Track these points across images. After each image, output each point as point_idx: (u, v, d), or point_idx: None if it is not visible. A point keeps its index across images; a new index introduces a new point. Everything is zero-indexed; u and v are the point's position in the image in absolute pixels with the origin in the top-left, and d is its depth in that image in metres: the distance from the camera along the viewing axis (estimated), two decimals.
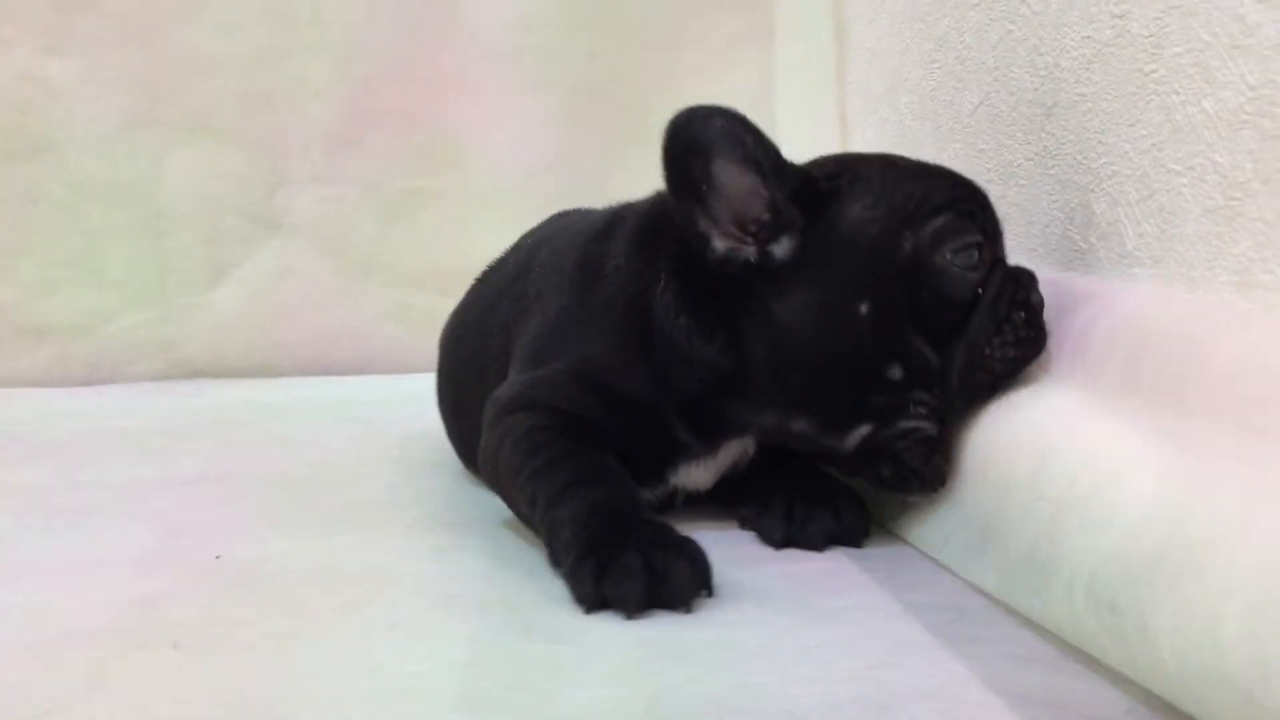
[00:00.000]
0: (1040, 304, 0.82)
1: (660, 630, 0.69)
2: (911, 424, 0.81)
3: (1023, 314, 0.80)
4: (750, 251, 0.81)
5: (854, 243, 0.81)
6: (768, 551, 0.85)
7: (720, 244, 0.81)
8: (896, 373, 0.80)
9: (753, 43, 1.40)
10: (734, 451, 0.90)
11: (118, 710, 0.58)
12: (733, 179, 0.79)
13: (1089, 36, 0.80)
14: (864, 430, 0.82)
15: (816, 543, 0.85)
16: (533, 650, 0.66)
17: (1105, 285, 0.78)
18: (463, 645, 0.66)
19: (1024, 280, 0.82)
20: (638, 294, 0.87)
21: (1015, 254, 0.87)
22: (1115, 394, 0.69)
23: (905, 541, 0.86)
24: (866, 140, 1.24)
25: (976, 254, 0.81)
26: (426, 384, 1.68)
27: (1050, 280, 0.83)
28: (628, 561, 0.71)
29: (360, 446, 1.24)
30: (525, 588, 0.76)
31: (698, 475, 0.91)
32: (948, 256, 0.80)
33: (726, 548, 0.85)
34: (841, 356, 0.81)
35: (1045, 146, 0.87)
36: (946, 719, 0.55)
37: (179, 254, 1.82)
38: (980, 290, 0.81)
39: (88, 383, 1.77)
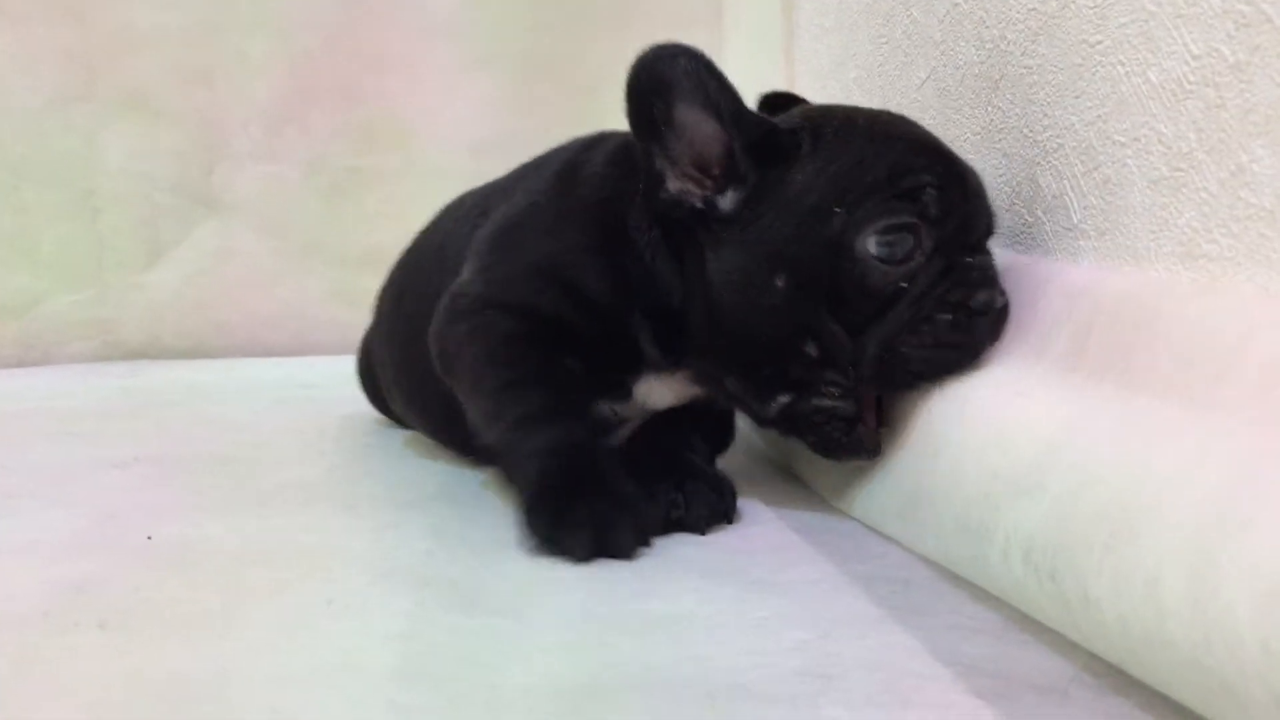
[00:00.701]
0: (986, 307, 0.76)
1: (605, 603, 0.68)
2: (827, 403, 0.79)
3: (949, 316, 0.75)
4: (697, 199, 0.80)
5: (788, 211, 0.78)
6: (718, 528, 0.84)
7: (673, 185, 0.80)
8: (812, 350, 0.78)
9: (701, 19, 1.39)
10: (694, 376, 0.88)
11: (46, 693, 0.56)
12: (693, 122, 0.78)
13: (1034, 9, 0.80)
14: (784, 399, 0.81)
15: (700, 525, 0.83)
16: (474, 625, 0.65)
17: (1052, 261, 0.79)
18: (402, 620, 0.65)
19: (972, 279, 0.76)
20: (612, 199, 0.86)
21: None
22: (1059, 367, 0.68)
23: (848, 515, 0.86)
24: None
25: (910, 243, 0.76)
26: None
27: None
28: (579, 514, 0.76)
29: (299, 427, 1.22)
30: (467, 564, 0.75)
31: (660, 392, 0.90)
32: (871, 244, 0.75)
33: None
34: (757, 324, 0.79)
35: (992, 120, 0.87)
36: (891, 689, 0.54)
37: (114, 233, 1.77)
38: (905, 284, 0.76)
39: (20, 364, 1.72)
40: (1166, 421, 0.57)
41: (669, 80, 0.77)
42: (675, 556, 0.77)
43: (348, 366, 1.67)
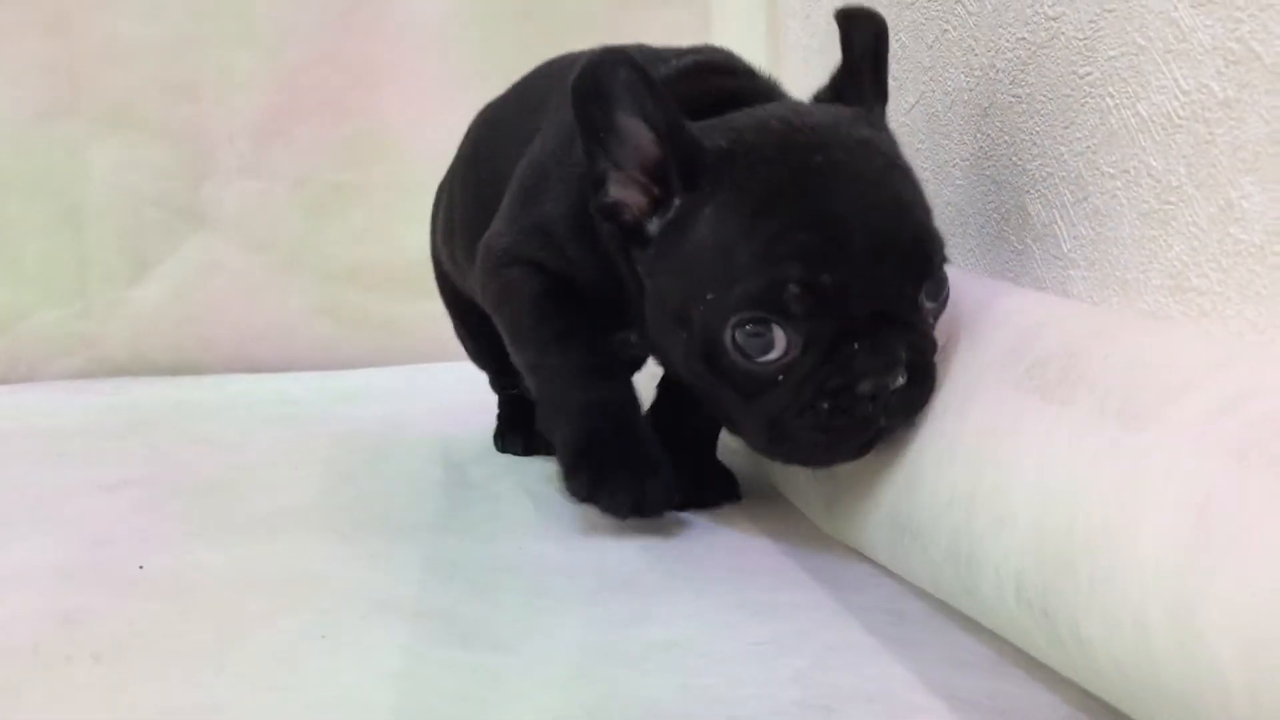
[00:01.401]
0: (874, 394, 0.71)
1: (602, 631, 0.68)
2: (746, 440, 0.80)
3: (826, 405, 0.71)
4: (630, 213, 0.79)
5: (682, 272, 0.77)
6: (705, 547, 0.84)
7: (614, 190, 0.79)
8: (714, 397, 0.78)
9: (690, 34, 1.39)
10: None
11: None
12: (634, 129, 0.77)
13: (1023, 38, 0.81)
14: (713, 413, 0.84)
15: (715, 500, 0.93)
16: (471, 659, 0.65)
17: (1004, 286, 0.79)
18: (399, 655, 0.65)
19: (855, 366, 0.71)
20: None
21: (953, 254, 0.87)
22: (1022, 393, 0.68)
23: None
24: None
25: (774, 338, 0.71)
26: (356, 382, 1.67)
27: (969, 281, 0.82)
28: (619, 478, 0.84)
29: (288, 448, 1.21)
30: (462, 594, 0.75)
31: None
32: (733, 336, 0.72)
33: (667, 543, 0.85)
34: (673, 357, 0.81)
35: (981, 147, 0.88)
36: None
37: (99, 248, 1.76)
38: (780, 374, 0.72)
39: (4, 381, 1.71)
40: (1115, 446, 0.57)
41: (609, 88, 0.76)
42: (670, 575, 0.78)
43: (335, 383, 1.68)
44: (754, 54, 1.41)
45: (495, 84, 1.79)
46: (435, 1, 1.81)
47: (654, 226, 0.79)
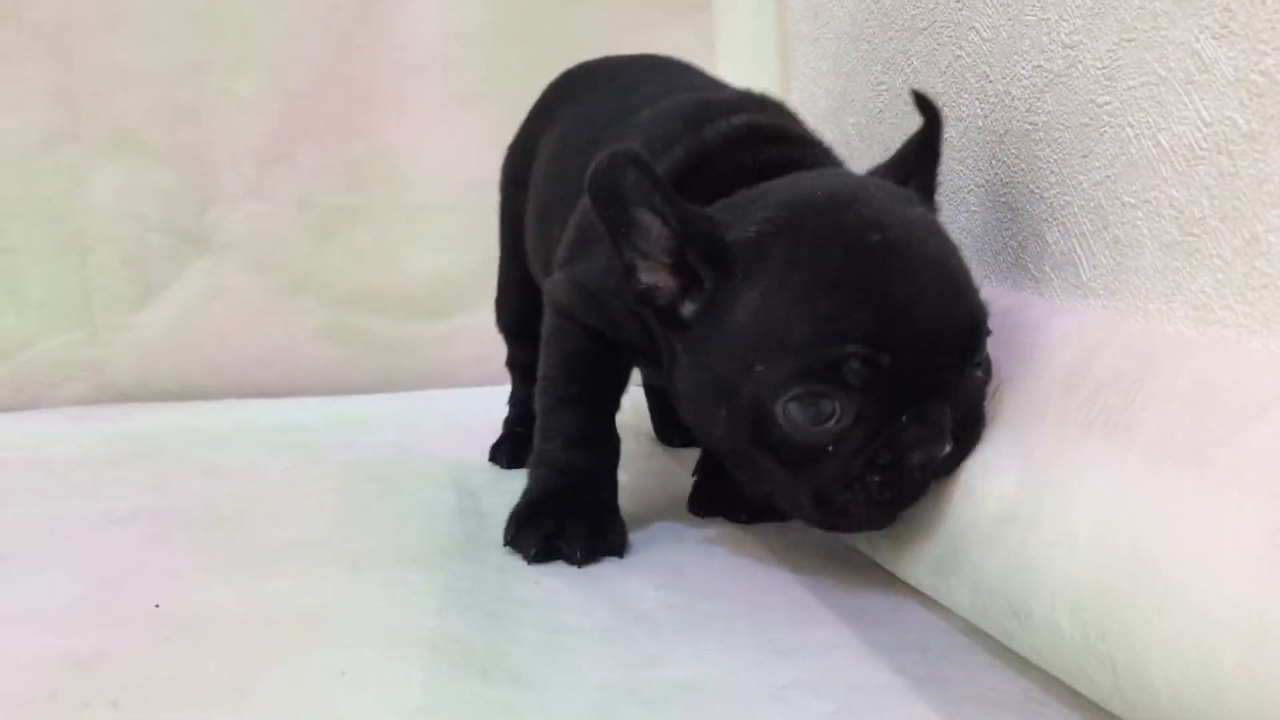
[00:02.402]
0: (923, 462, 0.72)
1: (622, 669, 0.68)
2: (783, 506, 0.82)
3: (878, 478, 0.72)
4: (664, 297, 0.81)
5: (724, 350, 0.77)
6: (728, 583, 0.84)
7: (645, 277, 0.81)
8: (754, 466, 0.79)
9: (695, 56, 1.38)
10: None
11: None
12: (651, 224, 0.79)
13: (1040, 66, 0.80)
14: (744, 478, 0.85)
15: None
16: (491, 694, 0.64)
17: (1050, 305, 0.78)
18: (419, 690, 0.64)
19: (907, 438, 0.72)
20: None
21: None
22: (1081, 413, 0.68)
23: (871, 564, 0.85)
24: None
25: (829, 410, 0.72)
26: (363, 407, 1.66)
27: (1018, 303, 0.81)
28: (540, 524, 0.89)
29: (298, 476, 1.20)
30: (480, 626, 0.74)
31: None
32: (786, 409, 0.73)
33: (682, 577, 0.84)
34: (711, 433, 0.82)
35: (997, 174, 0.87)
36: None
37: (104, 273, 1.75)
38: (830, 446, 0.73)
39: (9, 409, 1.69)
40: (1183, 473, 0.56)
41: (620, 188, 0.78)
42: (690, 612, 0.77)
43: (341, 408, 1.67)
44: (762, 77, 1.41)
45: (498, 105, 1.79)
46: (438, 23, 1.81)
47: (688, 310, 0.80)
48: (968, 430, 0.74)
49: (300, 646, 0.71)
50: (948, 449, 0.73)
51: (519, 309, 1.30)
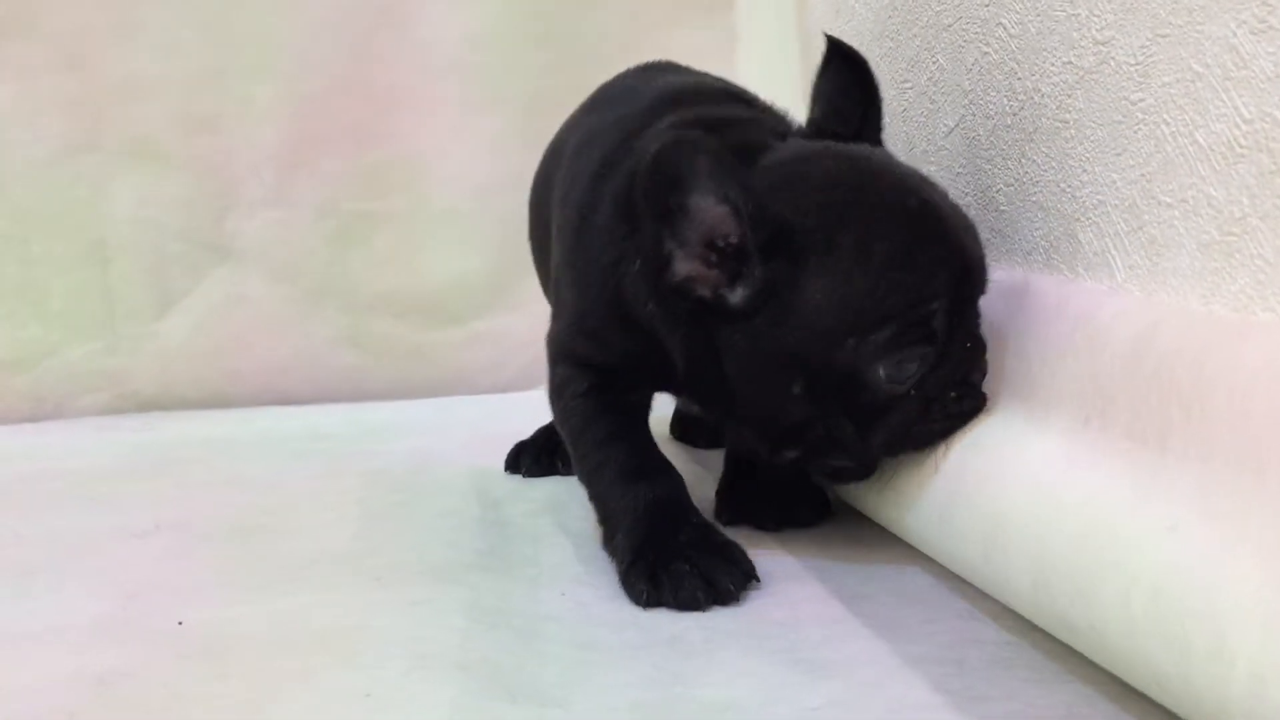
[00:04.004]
0: (980, 379, 0.82)
1: (652, 689, 0.66)
2: (834, 463, 0.85)
3: (954, 394, 0.81)
4: (705, 288, 0.81)
5: (803, 326, 0.79)
6: (757, 596, 0.82)
7: (681, 267, 0.81)
8: (820, 431, 0.82)
9: (716, 55, 1.38)
10: None
11: None
12: (707, 213, 0.79)
13: (1070, 62, 0.78)
14: (792, 454, 0.86)
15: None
16: (518, 715, 0.63)
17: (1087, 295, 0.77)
18: (445, 712, 0.63)
19: (968, 356, 0.82)
20: (614, 262, 0.89)
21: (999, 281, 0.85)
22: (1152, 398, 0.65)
23: (900, 575, 0.84)
24: None
25: (918, 361, 0.79)
26: (384, 415, 1.66)
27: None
28: (678, 569, 0.80)
29: (320, 486, 1.20)
30: (507, 645, 0.73)
31: None
32: (883, 372, 0.79)
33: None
34: (771, 411, 0.84)
35: (1026, 173, 0.85)
36: None
37: (124, 283, 1.76)
38: (913, 391, 0.80)
39: (31, 419, 1.70)
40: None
41: (685, 174, 0.77)
42: (720, 630, 0.75)
43: (362, 415, 1.67)
44: (784, 76, 1.39)
45: (515, 109, 1.79)
46: (454, 28, 1.80)
47: (738, 296, 0.81)
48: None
49: (323, 666, 0.70)
50: (986, 366, 0.82)
51: None
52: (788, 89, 1.34)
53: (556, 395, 0.99)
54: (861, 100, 0.92)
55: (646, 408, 0.99)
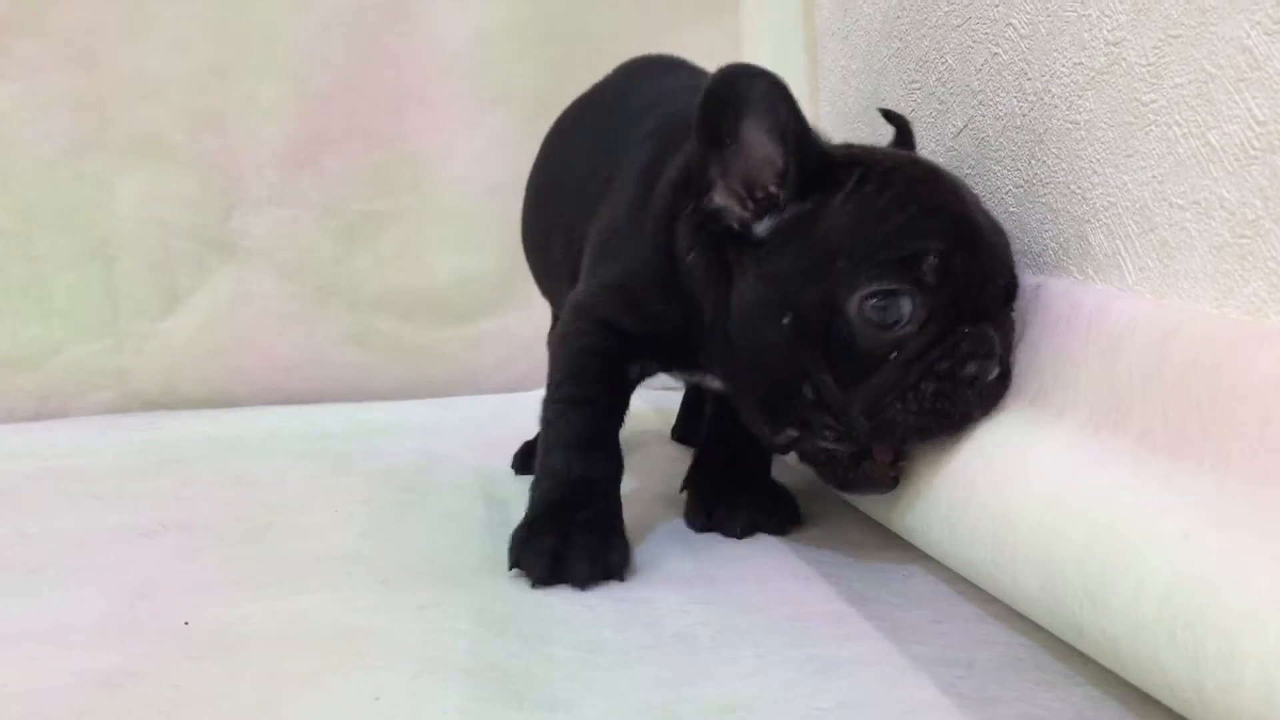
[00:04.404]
0: (974, 380, 0.77)
1: (659, 689, 0.66)
2: (826, 445, 0.83)
3: (934, 385, 0.77)
4: (734, 219, 0.83)
5: (808, 252, 0.80)
6: (764, 595, 0.82)
7: (719, 197, 0.83)
8: (809, 392, 0.80)
9: (722, 54, 1.37)
10: None
11: None
12: (757, 141, 0.81)
13: (1080, 63, 0.78)
14: (791, 433, 0.84)
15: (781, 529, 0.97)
16: (526, 719, 0.63)
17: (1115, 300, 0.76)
18: (453, 717, 0.63)
19: (964, 349, 0.77)
20: (672, 216, 0.89)
21: None
22: (1166, 402, 0.65)
23: (907, 574, 0.84)
24: None
25: (901, 309, 0.77)
26: (389, 414, 1.65)
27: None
28: (543, 542, 0.85)
29: (326, 486, 1.19)
30: (514, 649, 0.73)
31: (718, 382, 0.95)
32: (860, 305, 0.77)
33: (719, 591, 0.83)
34: (762, 357, 0.83)
35: (1036, 174, 0.85)
36: None
37: (129, 281, 1.75)
38: (895, 349, 0.78)
39: (37, 418, 1.70)
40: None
41: (745, 96, 0.79)
42: (727, 627, 0.75)
43: (368, 414, 1.67)
44: (791, 75, 1.39)
45: (522, 107, 1.78)
46: (460, 26, 1.80)
47: (763, 228, 0.82)
48: (1008, 371, 0.79)
49: (331, 668, 0.70)
50: (996, 372, 0.78)
51: None
52: (793, 89, 1.33)
53: (560, 341, 0.98)
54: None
55: (633, 386, 0.98)
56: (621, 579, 0.85)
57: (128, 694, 0.67)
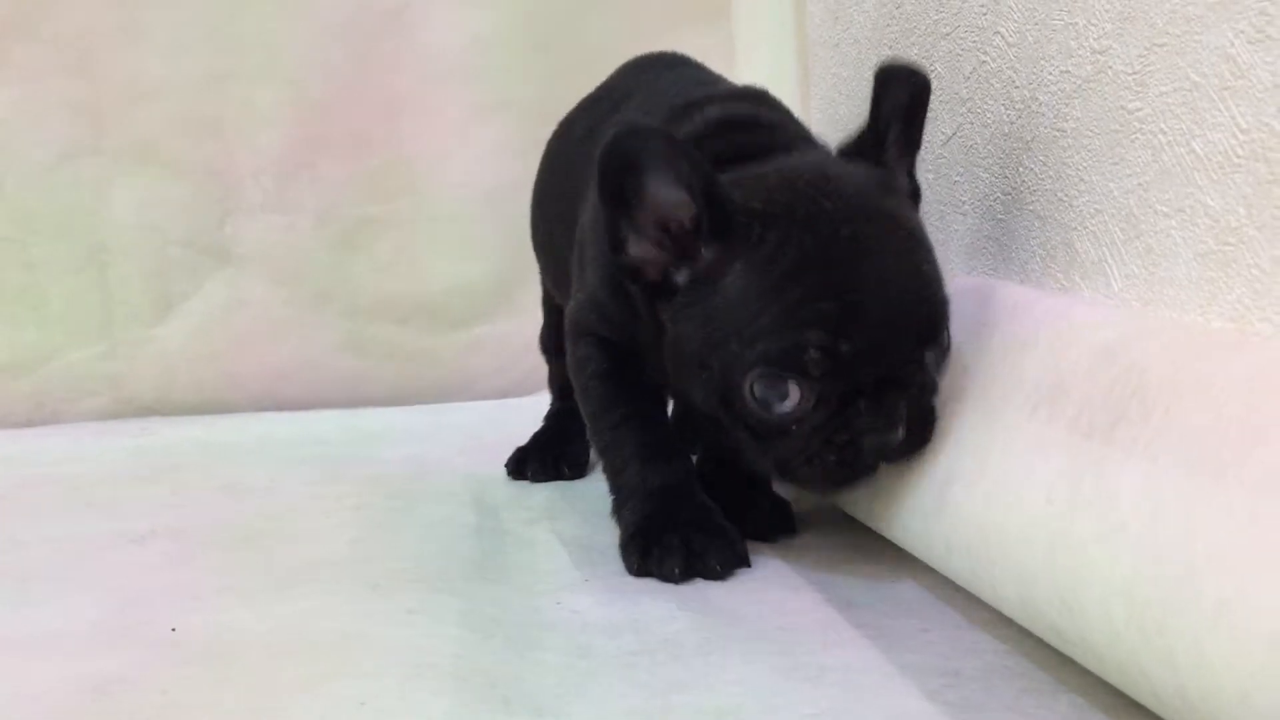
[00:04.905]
0: (876, 454, 0.78)
1: (649, 697, 0.66)
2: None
3: (834, 457, 0.79)
4: (654, 269, 0.84)
5: (712, 319, 0.81)
6: (753, 602, 0.82)
7: (634, 250, 0.84)
8: (741, 432, 0.82)
9: (715, 61, 1.37)
10: None
11: None
12: (664, 194, 0.81)
13: (1067, 71, 0.79)
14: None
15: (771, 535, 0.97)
16: None
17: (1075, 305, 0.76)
18: None
19: (861, 424, 0.77)
20: None
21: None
22: (1114, 400, 0.65)
23: (897, 581, 0.84)
24: None
25: (790, 394, 0.77)
26: (383, 420, 1.66)
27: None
28: (669, 543, 0.86)
29: (318, 492, 1.19)
30: (502, 655, 0.73)
31: None
32: (752, 388, 0.78)
33: (708, 598, 0.83)
34: (693, 396, 0.85)
35: (1023, 181, 0.85)
36: None
37: (124, 287, 1.76)
38: (793, 425, 0.79)
39: (30, 424, 1.70)
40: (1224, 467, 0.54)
41: (643, 157, 0.80)
42: (716, 636, 0.75)
43: (362, 420, 1.67)
44: (783, 82, 1.40)
45: (518, 115, 1.79)
46: (457, 33, 1.80)
47: (683, 277, 0.83)
48: (922, 422, 0.79)
49: (320, 674, 0.70)
50: (900, 436, 0.78)
51: (559, 325, 1.30)
52: (784, 96, 1.34)
53: (577, 371, 1.00)
54: (904, 116, 0.87)
55: (659, 389, 0.98)
56: (749, 565, 0.88)
57: (118, 701, 0.67)
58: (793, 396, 0.78)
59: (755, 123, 0.94)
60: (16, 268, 1.73)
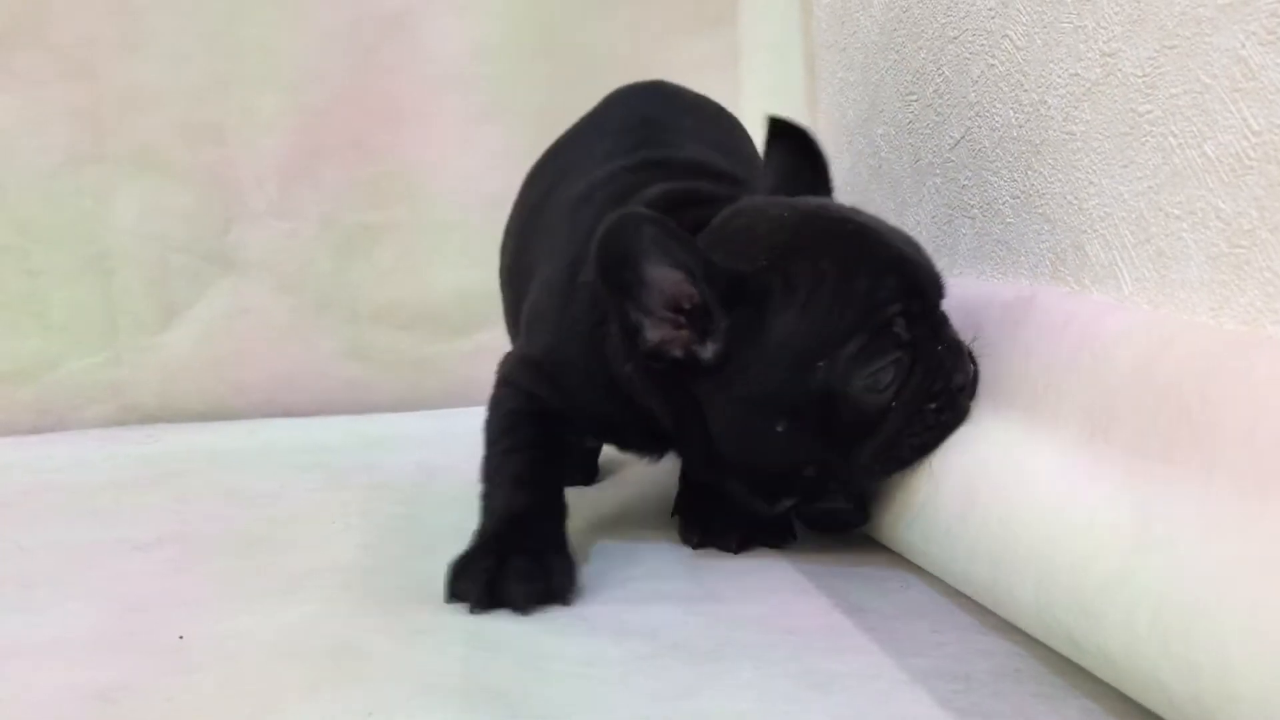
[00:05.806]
0: (963, 383, 0.83)
1: (657, 705, 0.65)
2: (829, 505, 0.88)
3: (933, 405, 0.82)
4: (677, 348, 0.84)
5: (774, 363, 0.82)
6: (762, 607, 0.82)
7: (652, 334, 0.84)
8: (811, 472, 0.84)
9: (719, 67, 1.38)
10: None
11: None
12: (664, 275, 0.82)
13: (1076, 74, 0.78)
14: (787, 502, 0.89)
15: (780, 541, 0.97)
16: None
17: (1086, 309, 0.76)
18: None
19: (945, 363, 0.83)
20: (598, 323, 0.91)
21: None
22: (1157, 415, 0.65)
23: (905, 586, 0.83)
24: (843, 170, 1.21)
25: (896, 372, 0.81)
26: (387, 427, 1.65)
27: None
28: (481, 567, 0.83)
29: (323, 499, 1.19)
30: (508, 670, 0.72)
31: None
32: (859, 384, 0.81)
33: (718, 604, 0.82)
34: (761, 460, 0.86)
35: (1033, 185, 0.85)
36: None
37: (127, 294, 1.75)
38: (893, 402, 0.82)
39: (34, 431, 1.70)
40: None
41: (636, 245, 0.81)
42: (725, 641, 0.75)
43: (366, 428, 1.67)
44: (788, 87, 1.39)
45: (518, 122, 1.79)
46: (457, 41, 1.80)
47: (709, 351, 0.84)
48: (972, 356, 0.85)
49: (325, 683, 0.69)
50: (974, 368, 0.84)
51: None
52: (791, 101, 1.34)
53: (492, 407, 1.00)
54: (810, 166, 0.96)
55: (567, 442, 1.00)
56: (566, 601, 0.83)
57: (122, 708, 0.67)
58: (895, 372, 0.81)
59: (698, 194, 0.95)
60: (19, 275, 1.73)
